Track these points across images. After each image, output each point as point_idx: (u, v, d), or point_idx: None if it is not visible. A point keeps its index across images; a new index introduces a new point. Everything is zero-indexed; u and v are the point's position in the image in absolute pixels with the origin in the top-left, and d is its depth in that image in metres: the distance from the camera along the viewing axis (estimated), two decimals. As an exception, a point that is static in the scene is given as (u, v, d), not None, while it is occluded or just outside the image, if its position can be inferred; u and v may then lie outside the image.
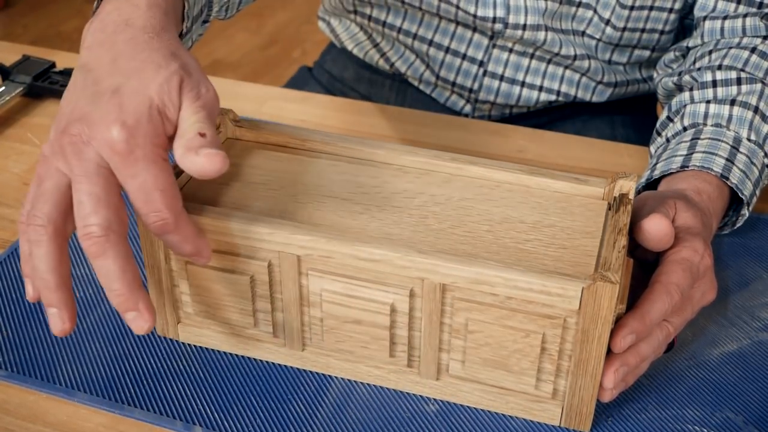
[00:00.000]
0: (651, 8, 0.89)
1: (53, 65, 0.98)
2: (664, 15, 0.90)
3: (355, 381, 0.62)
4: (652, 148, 0.81)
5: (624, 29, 0.91)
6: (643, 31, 0.92)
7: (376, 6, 0.97)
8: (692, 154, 0.72)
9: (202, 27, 0.73)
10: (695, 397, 0.61)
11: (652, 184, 0.74)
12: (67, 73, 0.97)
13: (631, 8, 0.89)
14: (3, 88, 0.94)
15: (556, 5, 0.89)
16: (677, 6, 0.89)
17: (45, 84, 0.95)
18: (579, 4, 0.90)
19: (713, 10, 0.83)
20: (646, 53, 0.96)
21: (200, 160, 0.51)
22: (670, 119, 0.80)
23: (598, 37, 0.92)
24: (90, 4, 3.14)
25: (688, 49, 0.85)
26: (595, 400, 0.57)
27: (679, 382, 0.63)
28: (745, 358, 0.65)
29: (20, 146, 0.88)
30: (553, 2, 0.88)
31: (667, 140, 0.78)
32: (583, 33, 0.93)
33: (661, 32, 0.92)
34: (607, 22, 0.90)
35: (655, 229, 0.59)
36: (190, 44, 0.71)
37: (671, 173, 0.72)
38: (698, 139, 0.73)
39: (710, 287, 0.63)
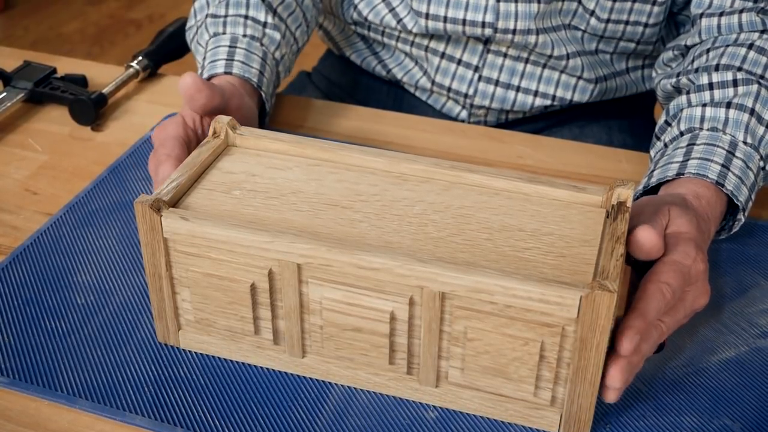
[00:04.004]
0: (634, 0, 0.90)
1: (54, 71, 0.98)
2: (648, 8, 0.91)
3: (355, 388, 0.62)
4: (652, 152, 0.81)
5: (608, 21, 0.92)
6: (627, 23, 0.93)
7: (375, 20, 0.98)
8: (688, 160, 0.72)
9: (275, 90, 0.90)
10: (693, 404, 0.62)
11: (653, 188, 0.74)
12: (68, 79, 0.97)
13: (614, 0, 0.89)
14: (4, 94, 0.94)
15: (547, 6, 0.89)
16: None
17: (46, 90, 0.95)
18: None
19: (709, 6, 0.83)
20: (631, 45, 0.96)
21: None
22: (668, 123, 0.80)
23: (583, 28, 0.93)
24: (90, 7, 3.14)
25: (687, 47, 0.86)
26: (594, 408, 0.57)
27: (677, 389, 0.63)
28: (743, 365, 0.65)
29: (21, 152, 0.89)
30: (544, 4, 0.89)
31: (665, 145, 0.78)
32: (569, 25, 0.93)
33: (645, 25, 0.93)
34: (592, 13, 0.91)
35: (643, 239, 0.59)
36: (270, 107, 0.87)
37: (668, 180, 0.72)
38: (694, 144, 0.74)
39: (702, 292, 0.63)
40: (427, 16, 0.93)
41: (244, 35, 0.85)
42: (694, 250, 0.62)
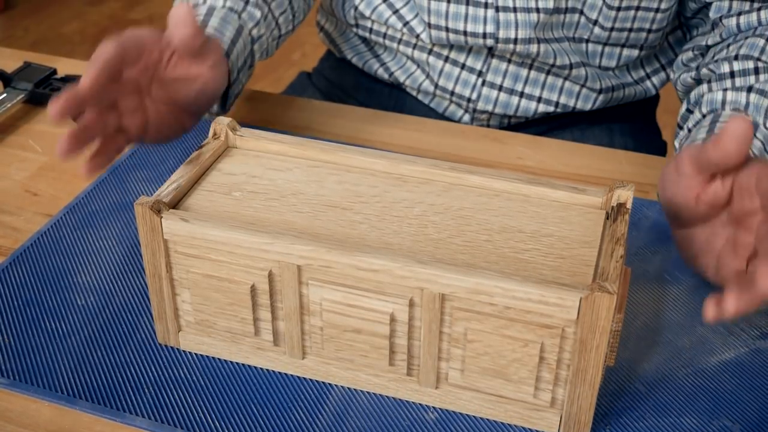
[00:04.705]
0: (637, 8, 0.90)
1: (54, 72, 0.98)
2: (651, 15, 0.91)
3: (355, 389, 0.62)
4: (676, 142, 0.82)
5: (612, 29, 0.92)
6: (630, 30, 0.93)
7: (377, 21, 0.98)
8: (711, 136, 0.72)
9: (248, 71, 0.86)
10: (693, 406, 0.62)
11: None
12: (68, 79, 0.97)
13: (618, 9, 0.90)
14: (4, 95, 0.94)
15: (547, 16, 0.89)
16: (663, 6, 0.90)
17: (46, 91, 0.95)
18: (566, 10, 0.90)
19: (729, 10, 0.84)
20: (635, 52, 0.96)
21: None
22: (689, 111, 0.81)
23: (586, 37, 0.93)
24: (91, 7, 3.14)
25: (708, 47, 0.86)
26: (594, 409, 0.57)
27: (677, 391, 0.63)
28: (743, 366, 0.65)
29: (22, 153, 0.89)
30: (544, 14, 0.89)
31: (689, 130, 0.79)
32: (573, 37, 0.93)
33: (649, 31, 0.93)
34: (595, 22, 0.91)
35: (736, 127, 0.57)
36: (240, 87, 0.85)
37: None
38: (717, 122, 0.74)
39: None
40: (429, 25, 0.93)
41: (223, 6, 0.83)
42: None
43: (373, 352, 0.60)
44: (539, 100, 0.98)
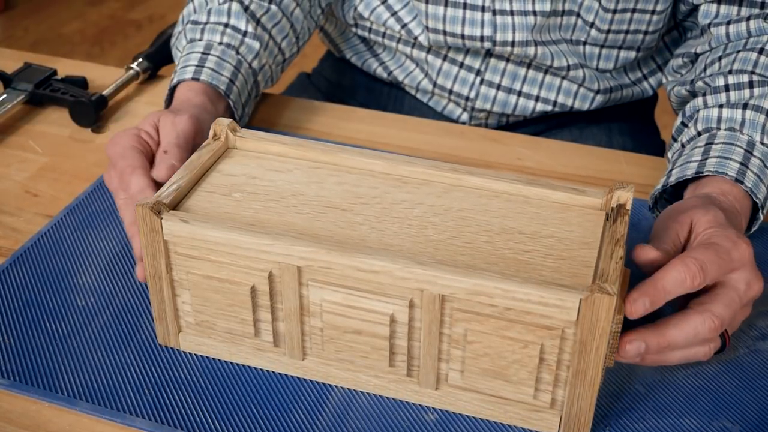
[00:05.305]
0: (633, 11, 0.90)
1: (54, 72, 0.98)
2: (647, 17, 0.91)
3: (355, 390, 0.62)
4: (669, 154, 0.81)
5: (608, 31, 0.92)
6: (627, 32, 0.93)
7: (376, 23, 0.98)
8: (707, 159, 0.72)
9: (254, 100, 0.90)
10: (693, 406, 0.62)
11: (675, 191, 0.75)
12: (68, 80, 0.97)
13: (614, 11, 0.90)
14: (5, 95, 0.94)
15: (544, 19, 0.89)
16: (659, 8, 0.90)
17: (46, 92, 0.95)
18: (563, 13, 0.90)
19: (716, 15, 0.83)
20: (632, 54, 0.96)
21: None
22: (684, 125, 0.81)
23: (584, 39, 0.93)
24: (91, 7, 3.14)
25: (697, 55, 0.86)
26: (593, 410, 0.58)
27: (677, 391, 0.63)
28: (743, 367, 0.65)
29: (22, 154, 0.89)
30: (541, 17, 0.89)
31: (683, 145, 0.79)
32: (571, 40, 0.93)
33: (645, 32, 0.93)
34: (592, 24, 0.91)
35: (637, 257, 0.61)
36: (247, 119, 0.89)
37: (694, 179, 0.73)
38: (712, 143, 0.74)
39: (755, 277, 0.61)
40: (427, 28, 0.93)
41: (220, 43, 0.85)
42: (733, 233, 0.61)
43: (373, 353, 0.60)
44: (537, 99, 0.98)
